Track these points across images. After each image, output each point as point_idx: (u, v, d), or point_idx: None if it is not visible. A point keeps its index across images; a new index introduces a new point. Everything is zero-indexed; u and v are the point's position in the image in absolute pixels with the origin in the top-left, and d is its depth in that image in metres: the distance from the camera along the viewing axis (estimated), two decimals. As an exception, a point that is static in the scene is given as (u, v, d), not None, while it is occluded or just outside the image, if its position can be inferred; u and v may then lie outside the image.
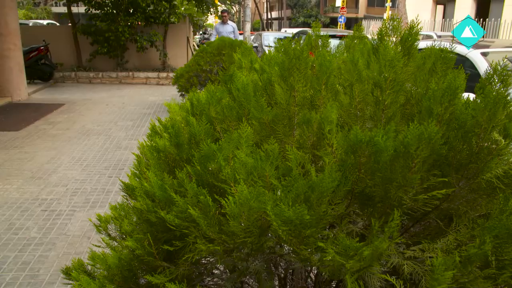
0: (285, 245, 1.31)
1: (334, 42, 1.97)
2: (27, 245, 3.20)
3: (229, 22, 11.16)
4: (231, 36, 10.58)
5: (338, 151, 1.17)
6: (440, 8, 24.62)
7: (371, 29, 24.57)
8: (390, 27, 1.59)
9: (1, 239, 3.28)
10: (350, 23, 47.05)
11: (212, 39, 10.27)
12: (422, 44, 3.23)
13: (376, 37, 1.63)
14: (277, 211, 0.98)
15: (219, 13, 16.45)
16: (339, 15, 30.15)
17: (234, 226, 1.07)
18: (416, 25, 1.60)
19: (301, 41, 6.51)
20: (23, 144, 5.68)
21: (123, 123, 6.75)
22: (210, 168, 1.19)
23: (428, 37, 13.01)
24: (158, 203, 1.23)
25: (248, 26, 11.40)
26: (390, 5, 27.13)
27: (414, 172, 1.07)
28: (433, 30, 19.61)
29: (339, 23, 30.21)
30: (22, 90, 8.79)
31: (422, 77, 1.47)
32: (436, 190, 1.09)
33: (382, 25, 1.55)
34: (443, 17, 23.58)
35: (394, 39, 1.64)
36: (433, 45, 1.58)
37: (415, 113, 1.38)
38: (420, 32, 1.61)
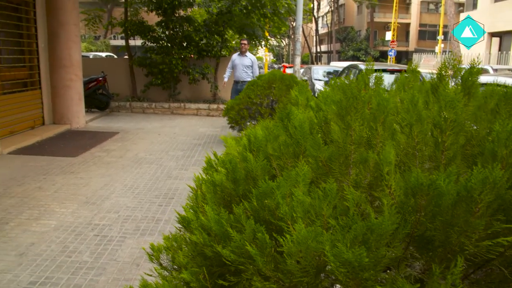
0: (341, 287, 1.29)
1: (385, 77, 1.97)
2: (79, 268, 3.29)
3: (248, 54, 9.43)
4: (248, 72, 9.29)
5: (396, 193, 1.16)
6: (495, 40, 23.94)
7: (422, 62, 24.23)
8: (449, 66, 1.57)
9: (56, 260, 3.39)
10: (401, 56, 46.67)
11: (226, 75, 9.62)
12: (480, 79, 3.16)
13: (431, 72, 1.62)
14: (336, 252, 0.98)
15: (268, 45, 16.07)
16: (389, 49, 29.98)
17: (291, 265, 1.07)
18: (477, 64, 1.58)
19: (351, 76, 6.47)
20: (79, 170, 5.91)
21: (174, 153, 6.91)
22: (267, 205, 1.20)
23: (484, 71, 12.68)
24: (214, 237, 1.24)
25: (298, 60, 11.29)
26: (442, 38, 26.70)
27: (477, 217, 1.04)
28: (489, 64, 19.10)
29: (389, 57, 30.02)
30: (80, 118, 9.22)
31: (483, 117, 1.44)
32: (502, 237, 1.05)
33: (442, 65, 1.54)
34: (499, 49, 22.91)
35: (453, 77, 1.62)
36: (494, 81, 1.55)
37: (476, 154, 1.35)
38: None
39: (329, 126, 1.50)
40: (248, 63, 9.30)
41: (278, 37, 32.81)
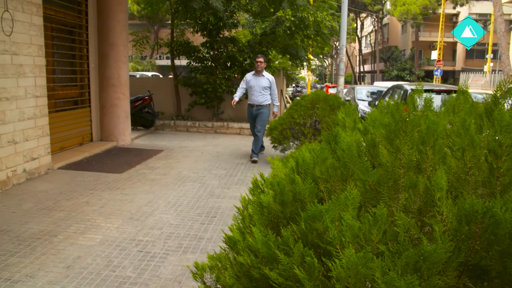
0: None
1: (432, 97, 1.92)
2: (123, 283, 3.35)
3: (265, 73, 8.04)
4: (265, 94, 8.00)
5: (448, 219, 1.13)
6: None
7: (470, 82, 23.57)
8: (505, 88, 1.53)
9: (101, 274, 3.46)
10: (447, 76, 45.64)
11: (237, 94, 8.24)
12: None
13: (484, 93, 1.58)
14: (387, 279, 0.96)
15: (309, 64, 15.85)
16: (435, 68, 29.38)
17: (340, 290, 1.05)
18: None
19: (396, 96, 6.39)
20: (124, 186, 6.05)
21: (217, 172, 6.98)
22: (315, 228, 1.20)
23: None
24: (261, 259, 1.25)
25: (341, 80, 11.24)
26: (491, 57, 25.89)
27: (537, 248, 1.00)
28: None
29: (435, 77, 29.40)
30: (126, 136, 9.48)
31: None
32: None
33: (497, 88, 1.50)
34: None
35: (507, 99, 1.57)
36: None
37: (533, 181, 1.30)
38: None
39: (377, 149, 1.48)
40: (266, 84, 7.92)
41: (321, 56, 32.83)
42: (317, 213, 1.16)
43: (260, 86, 7.93)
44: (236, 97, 8.22)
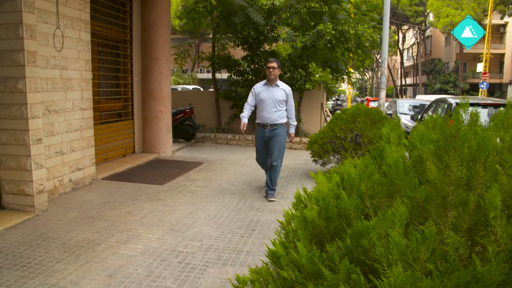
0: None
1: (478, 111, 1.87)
2: (164, 294, 3.39)
3: (279, 83, 6.29)
4: (281, 109, 6.26)
5: (503, 240, 1.09)
6: None
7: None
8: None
9: (141, 284, 3.51)
10: (493, 89, 44.23)
11: (245, 113, 6.36)
12: None
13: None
14: (438, 300, 0.93)
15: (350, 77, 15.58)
16: (481, 81, 28.56)
17: (387, 310, 1.03)
18: None
19: (440, 110, 6.22)
20: (165, 198, 6.15)
21: (256, 185, 6.99)
22: (361, 245, 1.18)
23: None
24: (305, 274, 1.24)
25: (383, 94, 11.06)
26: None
27: None
28: None
29: (480, 90, 28.57)
30: (168, 148, 9.64)
31: None
32: None
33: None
34: None
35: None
36: None
37: None
38: None
39: (424, 165, 1.45)
40: (281, 97, 6.17)
41: (362, 70, 32.57)
42: (364, 229, 1.14)
43: (274, 99, 6.12)
44: (245, 118, 6.29)
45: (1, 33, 5.02)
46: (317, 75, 13.60)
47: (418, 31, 50.49)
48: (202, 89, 25.05)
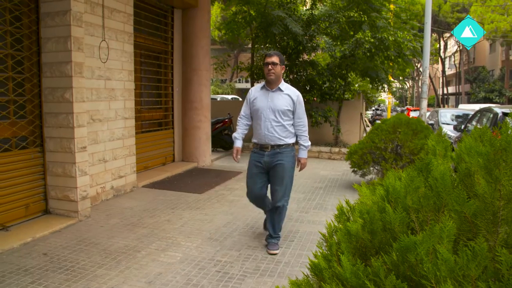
0: None
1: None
2: (204, 304, 3.41)
3: (283, 86, 4.47)
4: (286, 123, 4.44)
5: (559, 258, 1.04)
6: None
7: None
8: None
9: (180, 294, 3.56)
10: (542, 98, 42.49)
11: (238, 132, 4.64)
12: None
13: None
14: (491, 320, 0.90)
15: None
16: (528, 91, 27.56)
17: (436, 328, 1.00)
18: None
19: (485, 120, 6.01)
20: (204, 206, 6.20)
21: (295, 195, 6.95)
22: (407, 260, 1.15)
23: None
24: (349, 289, 1.22)
25: (424, 103, 10.79)
26: None
27: None
28: None
29: (527, 99, 27.56)
30: (207, 157, 9.75)
31: None
32: None
33: None
34: None
35: None
36: None
37: None
38: None
39: (472, 179, 1.41)
40: (285, 106, 4.40)
41: (402, 79, 32.02)
42: (411, 244, 1.12)
43: (275, 108, 4.37)
44: (238, 140, 4.67)
45: (51, 46, 5.24)
46: (356, 85, 13.49)
47: (461, 39, 49.19)
48: (240, 99, 25.19)
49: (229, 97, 27.38)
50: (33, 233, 4.77)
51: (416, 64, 41.38)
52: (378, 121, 8.08)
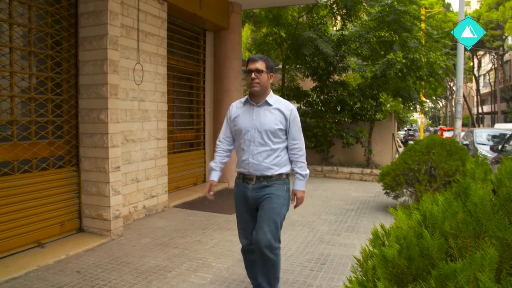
0: None
1: None
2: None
3: (273, 99, 3.52)
4: (276, 146, 3.45)
5: None
6: None
7: None
8: None
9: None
10: None
11: (216, 163, 3.86)
12: None
13: None
14: None
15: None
16: None
17: None
18: None
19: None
20: (235, 227, 6.16)
21: (326, 217, 6.87)
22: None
23: None
24: (386, 317, 1.19)
25: (459, 123, 10.54)
26: None
27: None
28: None
29: None
30: (237, 178, 9.74)
31: None
32: None
33: None
34: None
35: None
36: None
37: None
38: None
39: (514, 204, 1.36)
40: (274, 124, 3.48)
41: (434, 98, 31.49)
42: (450, 272, 1.08)
43: (262, 128, 3.46)
44: (214, 171, 3.85)
45: (89, 68, 5.42)
46: (388, 105, 13.35)
47: (495, 56, 48.21)
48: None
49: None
50: (67, 251, 4.85)
51: (449, 83, 40.73)
52: (411, 142, 7.95)
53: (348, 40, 11.80)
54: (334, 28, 13.71)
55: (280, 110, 3.47)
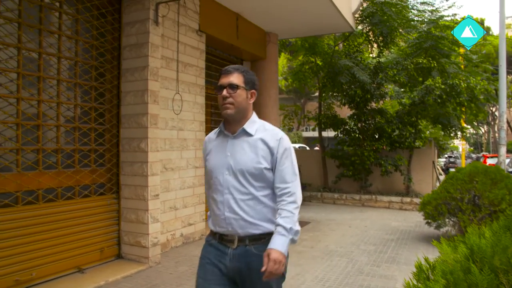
0: None
1: None
2: None
3: (254, 127, 2.44)
4: (259, 193, 2.37)
5: None
6: None
7: None
8: None
9: None
10: None
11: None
12: None
13: None
14: None
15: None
16: None
17: None
18: None
19: None
20: (272, 258, 6.11)
21: (365, 247, 6.71)
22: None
23: None
24: None
25: (503, 150, 10.14)
26: None
27: None
28: None
29: None
30: (274, 206, 9.70)
31: None
32: None
33: None
34: None
35: None
36: None
37: None
38: None
39: None
40: (255, 161, 2.37)
41: (476, 124, 30.67)
42: (502, 310, 1.03)
43: (237, 168, 2.40)
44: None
45: (130, 99, 5.61)
46: (427, 132, 13.09)
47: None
48: (308, 148, 25.22)
49: (297, 145, 27.45)
50: (106, 277, 4.92)
51: (491, 108, 39.63)
52: (452, 170, 7.72)
53: (385, 67, 11.72)
54: (371, 55, 13.67)
55: (264, 141, 2.40)
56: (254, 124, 2.47)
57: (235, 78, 2.40)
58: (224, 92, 2.38)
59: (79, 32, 5.25)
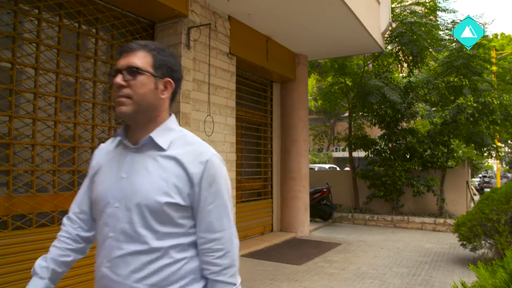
0: None
1: None
2: None
3: (170, 136, 1.53)
4: (165, 237, 1.42)
5: None
6: None
7: None
8: None
9: None
10: None
11: (66, 220, 1.87)
12: None
13: None
14: None
15: None
16: None
17: None
18: None
19: None
20: (302, 279, 6.07)
21: (398, 270, 6.59)
22: None
23: None
24: None
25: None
26: None
27: None
28: None
29: None
30: (305, 228, 9.66)
31: None
32: None
33: None
34: None
35: None
36: None
37: None
38: None
39: None
40: (162, 192, 1.42)
41: (511, 142, 29.84)
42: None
43: (133, 201, 1.45)
44: (38, 281, 1.66)
45: (163, 122, 5.73)
46: (460, 151, 12.84)
47: None
48: (338, 168, 24.99)
49: (327, 166, 27.23)
50: None
51: (527, 127, 38.53)
52: (487, 190, 7.55)
53: (415, 86, 11.63)
54: (401, 75, 13.59)
55: (181, 162, 1.50)
56: (169, 133, 1.56)
57: (139, 59, 1.51)
58: (118, 79, 1.50)
59: (113, 57, 5.44)
